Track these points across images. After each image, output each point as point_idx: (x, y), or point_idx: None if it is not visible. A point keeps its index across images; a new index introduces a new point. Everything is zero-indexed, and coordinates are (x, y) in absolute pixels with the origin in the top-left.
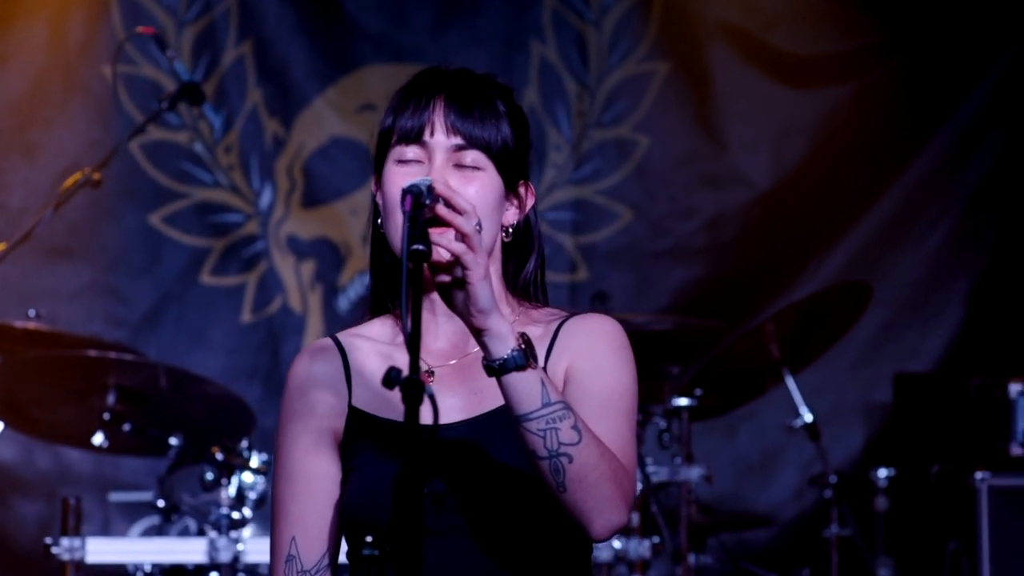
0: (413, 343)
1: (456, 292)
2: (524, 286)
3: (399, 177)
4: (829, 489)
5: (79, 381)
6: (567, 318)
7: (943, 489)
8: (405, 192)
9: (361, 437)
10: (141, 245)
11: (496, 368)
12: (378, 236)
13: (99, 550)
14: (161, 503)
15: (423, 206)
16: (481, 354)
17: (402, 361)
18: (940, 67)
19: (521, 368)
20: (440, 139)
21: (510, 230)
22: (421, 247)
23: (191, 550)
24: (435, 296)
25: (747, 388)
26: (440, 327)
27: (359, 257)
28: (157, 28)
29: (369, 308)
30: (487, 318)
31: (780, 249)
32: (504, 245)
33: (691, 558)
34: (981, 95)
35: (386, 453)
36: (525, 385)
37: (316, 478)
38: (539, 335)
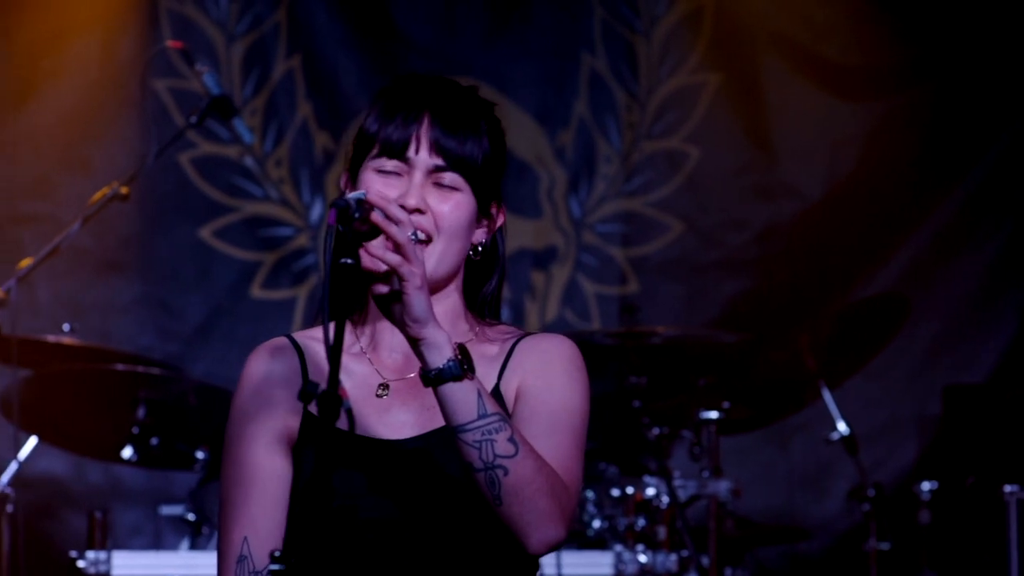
0: (334, 356)
1: (394, 303)
2: (481, 303)
3: (378, 187)
4: (867, 503)
5: (108, 395)
6: (522, 337)
7: (978, 502)
8: (331, 206)
9: (312, 442)
10: (192, 259)
11: (432, 378)
12: (339, 238)
13: (125, 564)
14: (192, 516)
15: (352, 219)
16: None
17: (353, 369)
18: (995, 79)
19: (457, 378)
20: (423, 157)
21: (479, 248)
22: (349, 260)
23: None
24: None
25: (783, 401)
26: (395, 340)
27: None
28: (203, 43)
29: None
30: (423, 328)
31: (831, 261)
32: (468, 263)
33: (727, 572)
34: None
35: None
36: (461, 396)
37: (271, 479)
38: (495, 353)
